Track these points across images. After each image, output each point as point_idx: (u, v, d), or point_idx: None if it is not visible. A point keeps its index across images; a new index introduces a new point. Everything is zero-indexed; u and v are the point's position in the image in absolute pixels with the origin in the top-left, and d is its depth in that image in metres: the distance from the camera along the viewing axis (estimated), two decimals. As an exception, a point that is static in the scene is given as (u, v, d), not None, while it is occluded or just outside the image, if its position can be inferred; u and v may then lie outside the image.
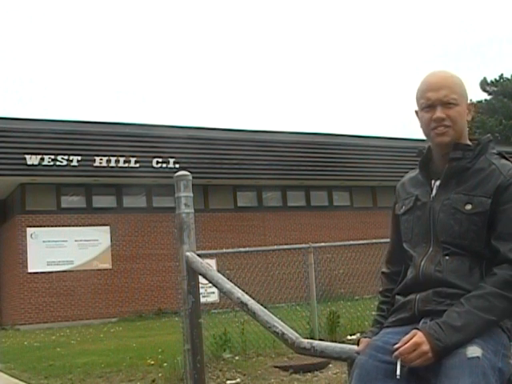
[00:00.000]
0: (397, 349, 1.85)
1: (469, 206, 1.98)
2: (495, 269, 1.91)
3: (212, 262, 13.34)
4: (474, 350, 1.77)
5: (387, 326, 2.09)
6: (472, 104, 2.12)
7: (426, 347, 1.81)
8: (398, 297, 2.14)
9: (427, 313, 1.97)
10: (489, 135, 2.17)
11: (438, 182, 2.09)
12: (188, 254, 2.97)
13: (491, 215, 1.96)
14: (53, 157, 17.77)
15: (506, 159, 2.06)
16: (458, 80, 2.11)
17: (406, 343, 1.83)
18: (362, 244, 10.27)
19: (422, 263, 2.04)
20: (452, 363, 1.78)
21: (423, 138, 2.18)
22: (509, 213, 1.95)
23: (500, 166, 2.01)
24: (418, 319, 1.98)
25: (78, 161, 18.12)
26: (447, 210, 2.02)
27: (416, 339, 1.83)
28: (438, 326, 1.85)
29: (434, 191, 2.09)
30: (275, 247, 12.14)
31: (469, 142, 2.10)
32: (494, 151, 2.08)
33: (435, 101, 2.05)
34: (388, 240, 2.34)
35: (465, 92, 2.10)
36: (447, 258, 1.99)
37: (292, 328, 2.33)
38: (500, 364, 1.82)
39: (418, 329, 1.87)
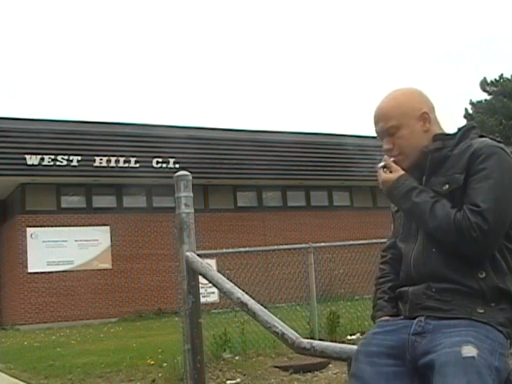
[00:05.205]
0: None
1: (446, 186, 1.99)
2: (464, 207, 1.91)
3: (212, 262, 13.34)
4: (469, 350, 1.76)
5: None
6: (424, 112, 2.09)
7: (382, 186, 2.11)
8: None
9: (419, 308, 1.98)
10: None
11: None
12: (188, 253, 2.97)
13: (464, 189, 1.96)
14: (53, 157, 17.78)
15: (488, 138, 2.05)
16: (394, 103, 2.11)
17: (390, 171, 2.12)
18: (362, 244, 10.26)
19: (412, 258, 2.06)
20: (446, 361, 1.76)
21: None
22: (473, 184, 1.93)
23: (474, 142, 2.01)
24: (412, 315, 2.00)
25: (78, 161, 18.13)
26: None
27: (388, 176, 2.10)
28: (409, 186, 2.04)
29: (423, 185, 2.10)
30: (275, 247, 12.13)
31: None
32: (476, 136, 2.07)
33: (378, 134, 2.17)
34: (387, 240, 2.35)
35: (407, 110, 2.09)
36: (434, 250, 1.99)
37: (292, 328, 2.33)
38: (496, 363, 1.80)
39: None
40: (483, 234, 1.87)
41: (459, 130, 2.11)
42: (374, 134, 2.23)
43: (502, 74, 39.75)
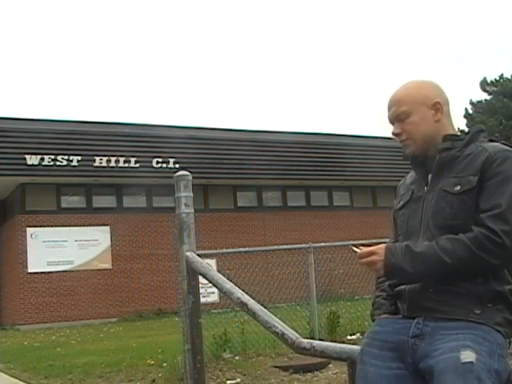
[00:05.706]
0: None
1: (458, 187, 1.99)
2: (473, 227, 1.92)
3: (212, 262, 13.34)
4: (467, 355, 1.76)
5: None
6: (437, 102, 2.12)
7: (376, 258, 2.01)
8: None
9: (417, 308, 1.99)
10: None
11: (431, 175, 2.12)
12: (188, 254, 2.97)
13: (479, 192, 1.96)
14: (53, 157, 17.78)
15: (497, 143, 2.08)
16: (408, 90, 2.16)
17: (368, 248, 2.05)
18: (362, 244, 10.24)
19: None
20: (445, 368, 1.76)
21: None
22: (490, 188, 1.94)
23: (487, 146, 2.03)
24: (410, 315, 2.01)
25: (78, 161, 18.13)
26: (438, 195, 2.04)
27: (375, 248, 2.03)
28: (401, 246, 2.00)
29: (429, 183, 2.11)
30: (275, 247, 12.12)
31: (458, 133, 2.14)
32: (486, 140, 2.09)
33: (390, 119, 2.20)
34: (387, 240, 2.35)
35: (420, 98, 2.12)
36: None
37: (292, 328, 2.32)
38: (496, 365, 1.80)
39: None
40: (508, 237, 1.86)
41: (468, 132, 2.12)
42: (374, 134, 2.26)
43: (502, 74, 39.68)
